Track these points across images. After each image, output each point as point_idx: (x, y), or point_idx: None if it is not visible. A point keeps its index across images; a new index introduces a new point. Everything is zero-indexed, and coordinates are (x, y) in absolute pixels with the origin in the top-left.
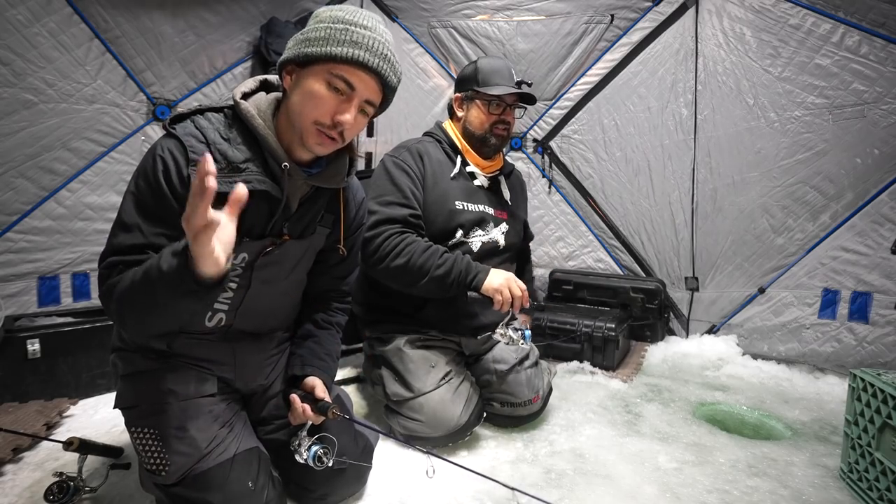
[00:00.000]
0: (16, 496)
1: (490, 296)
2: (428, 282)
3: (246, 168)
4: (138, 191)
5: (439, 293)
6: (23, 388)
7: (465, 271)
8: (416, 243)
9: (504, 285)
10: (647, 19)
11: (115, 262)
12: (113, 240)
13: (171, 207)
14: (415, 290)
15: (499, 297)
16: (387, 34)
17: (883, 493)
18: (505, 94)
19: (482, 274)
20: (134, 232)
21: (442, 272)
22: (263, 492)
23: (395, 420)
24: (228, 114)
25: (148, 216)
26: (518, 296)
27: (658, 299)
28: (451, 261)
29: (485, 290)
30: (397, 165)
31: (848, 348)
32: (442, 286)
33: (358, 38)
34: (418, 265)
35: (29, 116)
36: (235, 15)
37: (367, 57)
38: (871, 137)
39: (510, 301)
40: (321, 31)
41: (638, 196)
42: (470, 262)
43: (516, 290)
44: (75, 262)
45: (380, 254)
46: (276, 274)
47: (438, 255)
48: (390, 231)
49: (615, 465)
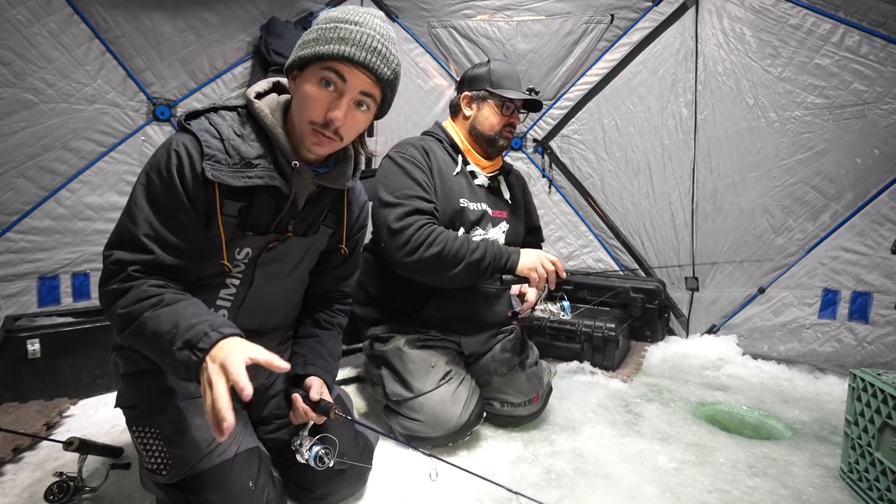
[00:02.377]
0: (16, 496)
1: (526, 276)
2: (464, 268)
3: (259, 164)
4: (149, 184)
5: (473, 279)
6: (23, 388)
7: (498, 255)
8: (447, 232)
9: (537, 262)
10: (647, 19)
11: (122, 261)
12: (121, 230)
13: (181, 202)
14: (446, 279)
15: (534, 275)
16: (381, 27)
17: (883, 493)
18: (519, 99)
19: (514, 255)
20: (142, 224)
21: (477, 257)
22: (264, 491)
23: (395, 420)
24: (242, 112)
25: (158, 209)
26: (551, 270)
27: (658, 299)
28: (484, 246)
29: (520, 272)
30: (408, 160)
31: (848, 348)
32: (478, 271)
33: (345, 34)
34: (453, 252)
35: (29, 116)
36: (235, 15)
37: (353, 52)
38: (871, 137)
39: (545, 277)
40: (313, 34)
41: (638, 196)
42: (500, 246)
43: (549, 265)
44: (75, 262)
45: (412, 244)
46: (279, 270)
47: (470, 241)
48: (421, 221)
49: (615, 465)
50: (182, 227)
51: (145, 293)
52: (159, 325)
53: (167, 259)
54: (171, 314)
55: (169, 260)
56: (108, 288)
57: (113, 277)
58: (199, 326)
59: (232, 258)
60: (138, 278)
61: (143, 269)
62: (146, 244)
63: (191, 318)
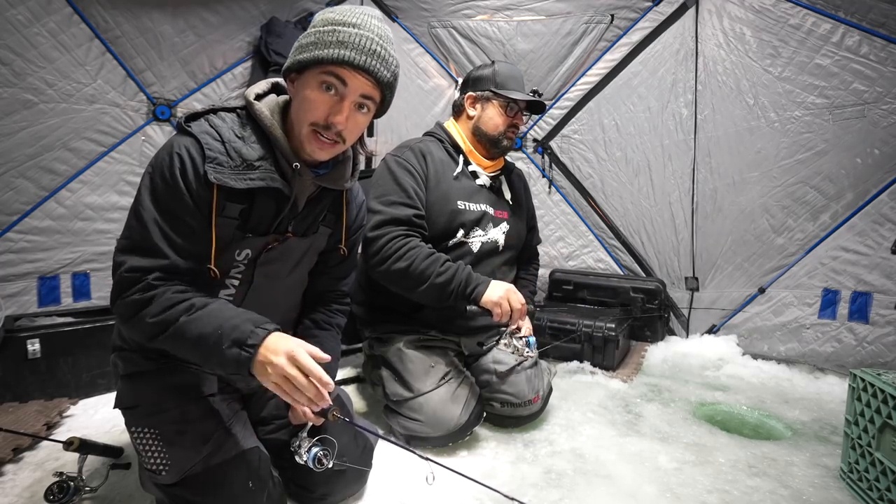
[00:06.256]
0: (16, 496)
1: (489, 308)
2: (427, 288)
3: (260, 166)
4: (154, 187)
5: (437, 301)
6: (23, 388)
7: (465, 282)
8: (419, 248)
9: (503, 297)
10: (647, 19)
11: (139, 269)
12: (131, 235)
13: (187, 205)
14: (413, 296)
15: (498, 311)
16: (379, 28)
17: (883, 493)
18: (523, 100)
19: (482, 286)
20: (153, 229)
21: (442, 280)
22: (263, 492)
23: (395, 420)
24: (241, 114)
25: (165, 213)
26: (517, 308)
27: (658, 299)
28: (453, 270)
29: (484, 303)
30: (400, 165)
31: (848, 348)
32: (441, 295)
33: (344, 37)
34: (419, 271)
35: (29, 116)
36: (235, 15)
37: (352, 55)
38: (871, 137)
39: (509, 314)
40: (311, 37)
41: (638, 196)
42: (471, 273)
43: (515, 303)
44: (75, 262)
45: (382, 255)
46: (279, 271)
47: (440, 263)
48: (394, 233)
49: (615, 465)
50: (190, 229)
51: (173, 300)
52: (202, 328)
53: (181, 263)
54: (209, 317)
55: (183, 263)
56: (128, 299)
57: (131, 287)
58: (243, 326)
59: (231, 259)
60: (158, 286)
61: (162, 275)
62: (161, 248)
63: (232, 318)
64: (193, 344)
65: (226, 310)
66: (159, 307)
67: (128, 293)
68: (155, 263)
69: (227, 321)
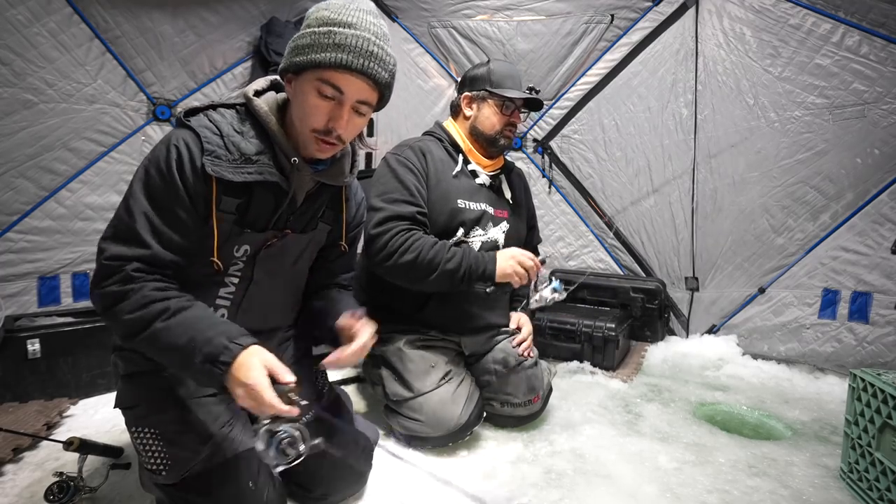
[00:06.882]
0: (16, 496)
1: (508, 281)
2: (439, 276)
3: (258, 160)
4: (148, 178)
5: (450, 287)
6: (23, 388)
7: (475, 264)
8: (424, 239)
9: (514, 265)
10: (647, 19)
11: (119, 257)
12: (117, 224)
13: (180, 197)
14: (423, 286)
15: (516, 279)
16: (375, 26)
17: (883, 493)
18: (519, 98)
19: (490, 264)
20: (139, 218)
21: (452, 266)
22: (263, 492)
23: (395, 420)
24: (240, 110)
25: (156, 204)
26: (531, 266)
27: (658, 299)
28: (461, 255)
29: (500, 279)
30: (401, 163)
31: (848, 348)
32: (453, 280)
33: (341, 39)
34: (427, 260)
35: (29, 116)
36: (235, 15)
37: (350, 59)
38: (871, 137)
39: (526, 275)
40: (307, 38)
41: (638, 196)
42: (477, 254)
43: (527, 263)
44: (75, 262)
45: (387, 250)
46: (278, 267)
47: (446, 249)
48: (398, 228)
49: (615, 465)
50: (180, 222)
51: (149, 298)
52: (174, 339)
53: (165, 255)
54: (183, 326)
55: (167, 256)
56: (105, 289)
57: (110, 276)
58: (216, 340)
59: (230, 255)
60: (137, 278)
61: (142, 266)
62: (143, 238)
63: (205, 329)
64: (167, 353)
65: (202, 318)
66: (135, 304)
67: (106, 283)
68: (136, 253)
69: (201, 333)
